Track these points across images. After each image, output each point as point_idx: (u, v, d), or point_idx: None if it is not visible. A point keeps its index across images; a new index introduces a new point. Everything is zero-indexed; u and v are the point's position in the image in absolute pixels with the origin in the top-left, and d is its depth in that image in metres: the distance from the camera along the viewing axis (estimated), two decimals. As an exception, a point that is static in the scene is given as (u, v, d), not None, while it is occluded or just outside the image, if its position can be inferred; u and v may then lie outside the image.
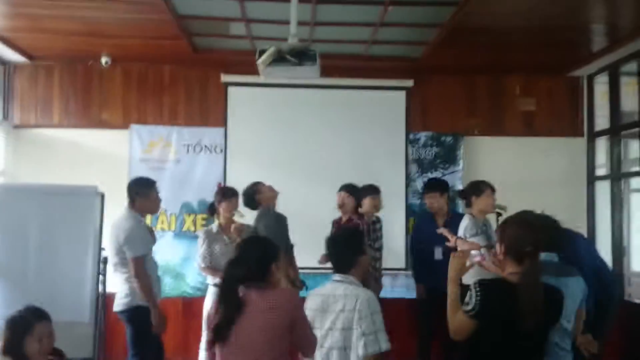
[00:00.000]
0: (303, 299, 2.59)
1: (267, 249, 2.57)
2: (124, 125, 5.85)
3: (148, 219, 4.35)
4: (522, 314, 2.32)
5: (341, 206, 4.83)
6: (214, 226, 4.62)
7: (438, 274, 3.75)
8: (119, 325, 4.27)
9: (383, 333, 2.71)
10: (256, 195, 4.63)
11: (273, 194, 4.67)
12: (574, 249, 3.52)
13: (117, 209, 4.25)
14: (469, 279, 2.69)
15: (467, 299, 2.42)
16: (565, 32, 4.87)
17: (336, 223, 4.96)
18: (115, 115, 5.90)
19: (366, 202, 4.93)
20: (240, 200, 4.68)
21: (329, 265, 4.79)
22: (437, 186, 4.99)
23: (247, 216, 4.66)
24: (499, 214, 4.29)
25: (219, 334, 2.42)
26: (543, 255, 2.58)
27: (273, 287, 2.50)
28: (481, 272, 3.74)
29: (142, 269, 3.91)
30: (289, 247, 4.56)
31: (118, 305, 4.02)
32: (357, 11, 4.55)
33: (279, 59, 3.51)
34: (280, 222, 4.55)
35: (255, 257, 2.49)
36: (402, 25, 4.88)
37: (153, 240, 4.26)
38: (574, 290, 2.73)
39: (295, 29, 3.71)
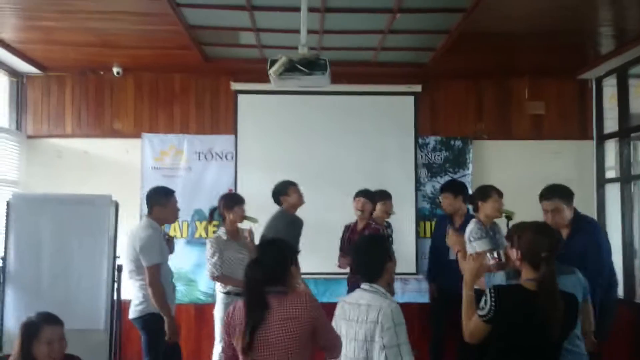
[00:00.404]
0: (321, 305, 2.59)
1: (286, 250, 2.60)
2: (136, 134, 5.90)
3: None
4: (547, 322, 2.34)
5: (362, 211, 4.80)
6: (222, 233, 4.48)
7: (450, 273, 3.78)
8: (134, 332, 4.30)
9: (406, 346, 2.60)
10: (282, 196, 4.62)
11: (298, 203, 4.64)
12: (595, 234, 3.55)
13: (130, 217, 4.30)
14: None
15: (481, 303, 2.44)
16: (573, 35, 4.88)
17: (350, 228, 4.95)
18: (127, 124, 5.96)
19: (377, 208, 4.94)
20: (246, 205, 4.60)
21: (337, 270, 4.88)
22: (451, 188, 4.95)
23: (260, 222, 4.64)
24: (509, 218, 4.29)
25: (249, 342, 2.40)
26: None
27: (292, 290, 2.52)
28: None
29: (157, 278, 3.94)
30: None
31: (133, 312, 4.06)
32: (365, 19, 4.57)
33: (290, 68, 3.50)
34: (294, 225, 4.51)
35: (275, 259, 2.51)
36: (410, 33, 4.90)
37: (170, 249, 4.30)
38: (574, 288, 2.74)
39: (305, 38, 3.70)
